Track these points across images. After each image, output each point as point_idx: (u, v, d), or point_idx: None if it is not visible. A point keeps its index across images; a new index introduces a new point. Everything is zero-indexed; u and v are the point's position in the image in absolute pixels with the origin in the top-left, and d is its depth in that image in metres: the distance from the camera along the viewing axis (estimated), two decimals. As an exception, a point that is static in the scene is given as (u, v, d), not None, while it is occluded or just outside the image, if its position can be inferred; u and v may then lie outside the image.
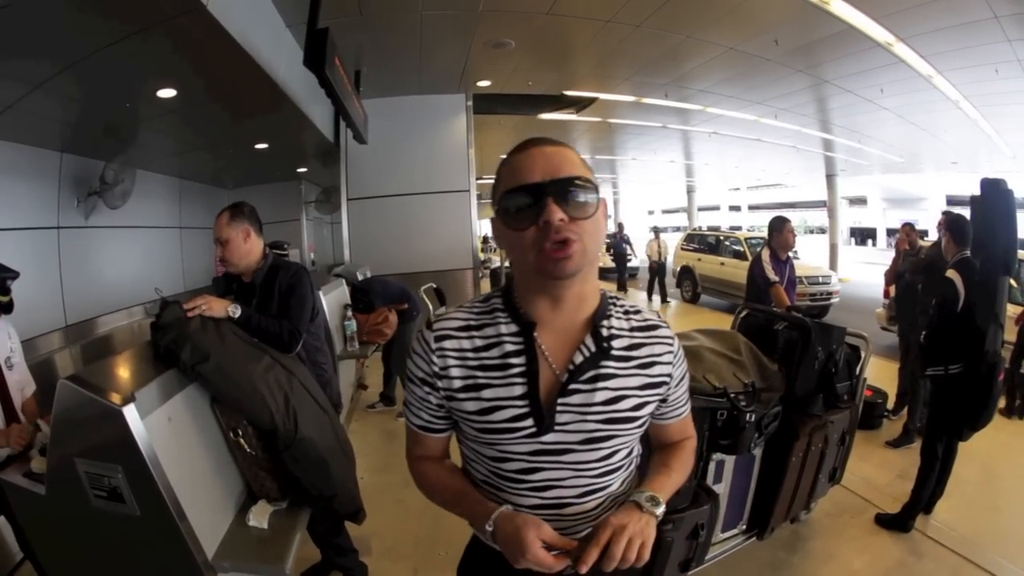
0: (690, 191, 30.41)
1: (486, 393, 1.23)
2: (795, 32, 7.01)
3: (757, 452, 3.28)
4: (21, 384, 3.39)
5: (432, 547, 3.76)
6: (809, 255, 15.47)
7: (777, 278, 5.40)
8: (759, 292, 5.45)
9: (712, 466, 3.06)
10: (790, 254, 5.73)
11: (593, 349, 1.23)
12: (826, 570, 3.52)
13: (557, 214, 1.11)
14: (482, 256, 14.80)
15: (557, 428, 1.21)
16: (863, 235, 35.40)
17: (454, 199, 9.65)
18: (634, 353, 1.28)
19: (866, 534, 3.86)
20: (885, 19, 6.52)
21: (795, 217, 6.31)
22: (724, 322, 4.32)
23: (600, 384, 1.23)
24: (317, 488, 2.50)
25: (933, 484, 3.91)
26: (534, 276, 1.19)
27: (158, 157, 8.13)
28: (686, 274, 14.92)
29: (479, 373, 1.24)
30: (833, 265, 18.16)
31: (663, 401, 1.36)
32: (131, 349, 2.50)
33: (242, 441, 2.40)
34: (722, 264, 13.94)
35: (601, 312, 1.28)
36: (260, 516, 2.39)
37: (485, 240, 23.11)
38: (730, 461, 3.18)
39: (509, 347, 1.24)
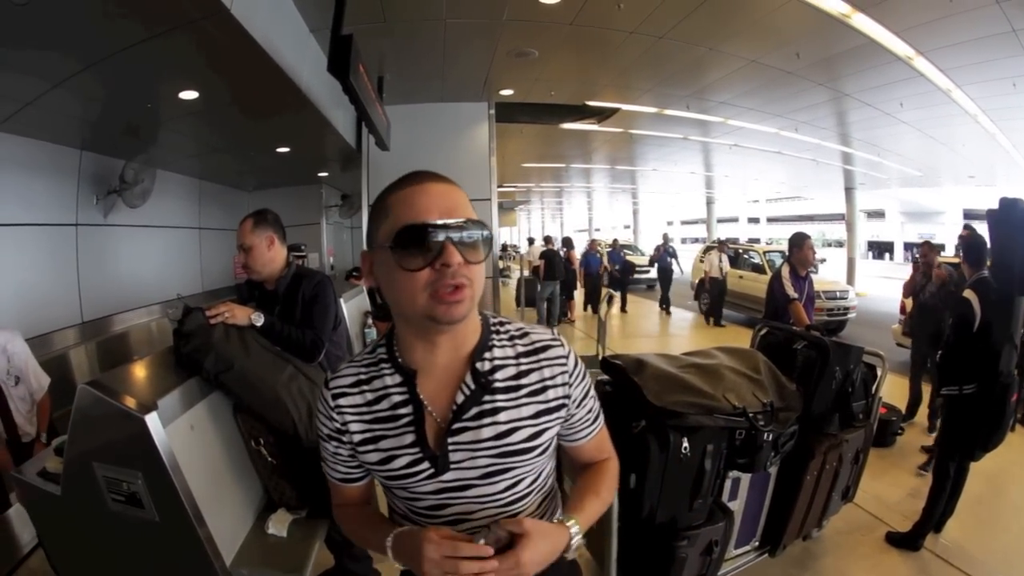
0: (709, 203, 30.31)
1: (383, 444, 1.25)
2: (816, 45, 6.99)
3: (772, 470, 3.27)
4: (32, 388, 3.55)
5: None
6: (828, 268, 15.34)
7: (797, 295, 5.39)
8: (778, 308, 5.44)
9: (728, 483, 3.05)
10: (810, 270, 5.72)
11: (473, 386, 1.22)
12: (836, 586, 3.51)
13: (456, 257, 1.08)
14: (501, 264, 14.78)
15: (454, 467, 1.21)
16: (880, 249, 35.19)
17: (475, 207, 9.47)
18: (523, 381, 1.26)
19: (876, 552, 3.85)
20: (905, 33, 6.49)
21: (813, 230, 6.28)
22: (742, 336, 4.30)
23: (488, 419, 1.22)
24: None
25: (944, 503, 3.89)
26: (419, 320, 1.15)
27: (178, 158, 8.16)
28: (704, 287, 14.78)
29: (375, 426, 1.26)
30: (851, 279, 18.06)
31: (565, 422, 1.33)
32: (152, 355, 2.52)
33: (263, 450, 2.42)
34: (741, 277, 13.89)
35: (482, 345, 1.26)
36: (279, 524, 2.40)
37: (504, 249, 22.93)
38: (745, 478, 3.17)
39: (396, 398, 1.24)
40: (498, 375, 1.24)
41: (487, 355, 1.25)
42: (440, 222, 1.10)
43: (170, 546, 1.95)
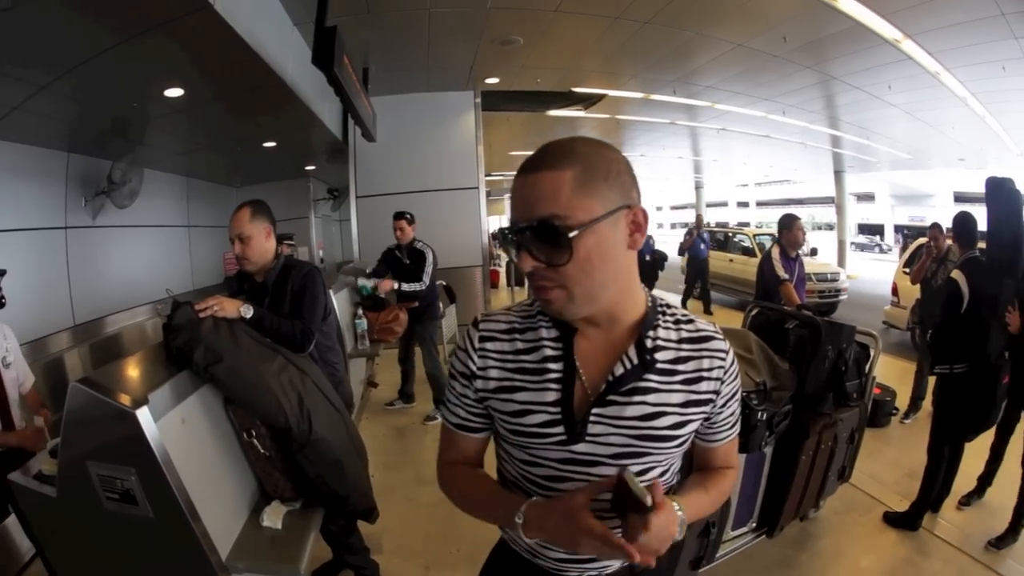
0: (698, 187, 30.34)
1: (519, 396, 1.20)
2: (803, 28, 6.98)
3: (768, 450, 3.27)
4: (19, 380, 3.51)
5: (443, 544, 3.77)
6: (822, 252, 15.32)
7: (787, 276, 5.41)
8: (769, 290, 5.45)
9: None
10: (800, 252, 5.71)
11: (635, 361, 1.17)
12: (835, 568, 3.53)
13: (527, 264, 1.07)
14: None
15: (588, 439, 1.16)
16: (871, 231, 35.25)
17: (463, 196, 9.59)
18: (680, 367, 1.20)
19: (874, 532, 3.87)
20: (892, 16, 6.49)
21: (803, 213, 6.27)
22: (733, 319, 4.30)
23: (638, 398, 1.17)
24: (331, 488, 2.51)
25: (940, 483, 3.90)
26: None
27: (166, 156, 8.13)
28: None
29: (516, 376, 1.21)
30: (841, 262, 18.12)
31: (707, 420, 1.28)
32: (143, 351, 2.50)
33: (256, 442, 2.41)
34: (731, 261, 13.93)
35: (648, 321, 1.20)
36: (274, 516, 2.40)
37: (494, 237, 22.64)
38: (741, 459, 3.16)
39: (548, 351, 1.20)
40: (658, 355, 1.20)
41: (650, 333, 1.20)
42: (508, 227, 1.09)
43: (166, 542, 1.94)
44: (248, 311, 2.62)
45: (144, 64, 4.65)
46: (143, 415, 1.80)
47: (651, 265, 12.82)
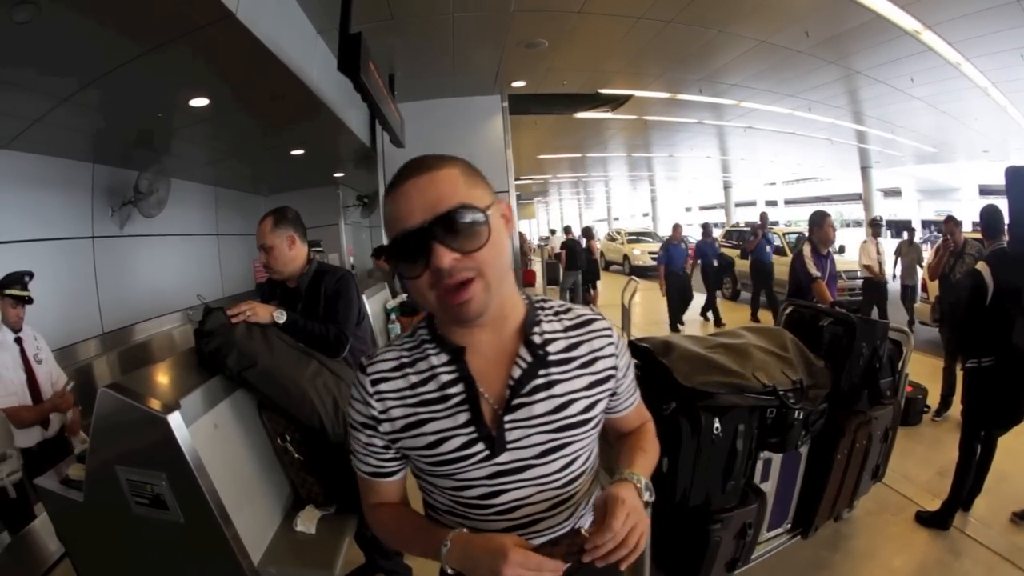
0: (727, 187, 30.17)
1: (430, 427, 1.17)
2: (824, 23, 6.95)
3: (803, 450, 3.22)
4: (52, 377, 4.01)
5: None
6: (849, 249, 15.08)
7: (819, 273, 5.35)
8: (801, 288, 5.39)
9: (759, 465, 3.01)
10: (831, 249, 5.65)
11: (529, 359, 1.18)
12: (867, 568, 3.49)
13: (446, 257, 1.02)
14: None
15: (510, 446, 1.16)
16: (898, 227, 34.82)
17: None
18: (574, 353, 1.23)
19: (906, 532, 3.82)
20: (911, 6, 6.44)
21: (831, 210, 6.21)
22: (765, 317, 4.26)
23: (543, 393, 1.17)
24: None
25: (971, 479, 3.84)
26: (442, 315, 1.13)
27: (193, 166, 8.22)
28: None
29: (420, 409, 1.18)
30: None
31: (613, 395, 1.30)
32: (173, 357, 2.51)
33: (289, 446, 2.41)
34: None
35: (530, 319, 1.22)
36: (308, 521, 2.39)
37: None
38: (777, 459, 3.13)
39: (444, 377, 1.18)
40: (550, 348, 1.21)
41: (536, 329, 1.21)
42: (417, 225, 1.03)
43: (196, 547, 1.94)
44: (281, 316, 2.62)
45: (168, 75, 4.69)
46: (175, 420, 1.80)
47: (717, 271, 12.20)
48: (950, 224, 6.25)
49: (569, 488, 1.24)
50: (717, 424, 2.59)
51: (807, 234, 5.78)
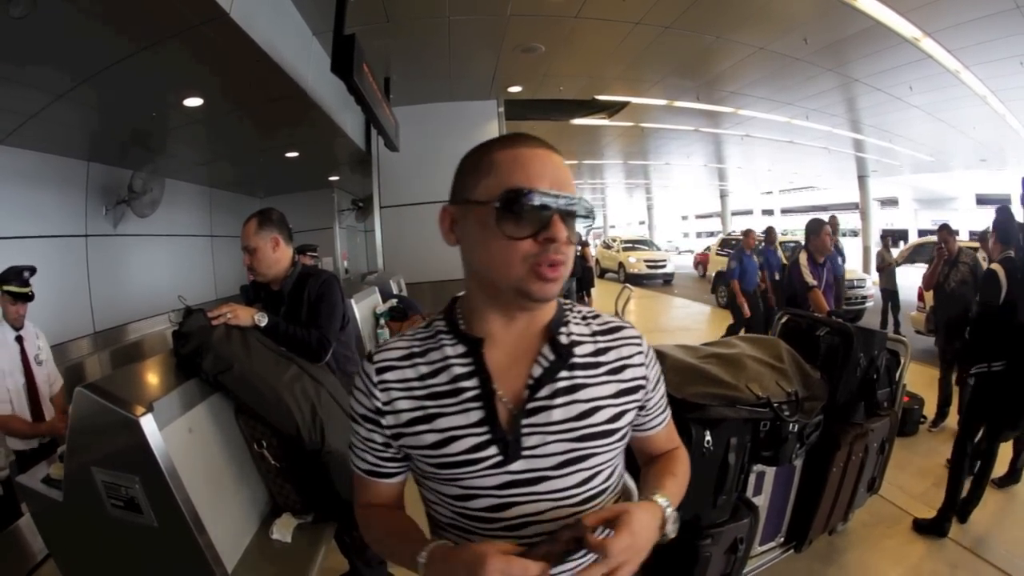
0: (723, 195, 30.27)
1: (439, 423, 1.09)
2: (823, 30, 6.97)
3: (798, 463, 3.18)
4: (50, 380, 3.91)
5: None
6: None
7: (816, 282, 5.32)
8: (797, 296, 5.37)
9: (752, 478, 2.96)
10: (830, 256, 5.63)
11: (552, 358, 1.11)
12: (862, 582, 3.47)
13: (563, 232, 1.00)
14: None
15: (525, 454, 1.06)
16: (895, 237, 34.97)
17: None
18: (601, 358, 1.16)
19: (903, 544, 3.78)
20: (911, 13, 6.48)
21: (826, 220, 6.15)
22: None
23: (567, 397, 1.09)
24: (346, 500, 2.43)
25: (964, 482, 3.85)
26: (508, 292, 1.05)
27: (187, 166, 8.22)
28: (721, 279, 14.68)
29: (429, 403, 1.10)
30: (867, 268, 17.95)
31: (641, 408, 1.22)
32: (152, 358, 2.47)
33: (266, 453, 2.37)
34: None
35: (558, 319, 1.16)
36: (284, 529, 2.35)
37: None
38: (770, 472, 3.07)
39: (458, 370, 1.10)
40: (576, 350, 1.14)
41: (563, 329, 1.15)
42: (554, 192, 1.00)
43: (170, 553, 1.90)
44: (263, 319, 2.59)
45: (162, 73, 4.69)
46: (147, 423, 1.77)
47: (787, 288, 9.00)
48: (944, 233, 6.23)
49: (587, 507, 1.12)
50: (708, 437, 2.54)
51: (804, 242, 5.74)
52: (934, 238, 6.53)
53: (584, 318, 1.22)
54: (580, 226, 1.06)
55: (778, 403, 2.70)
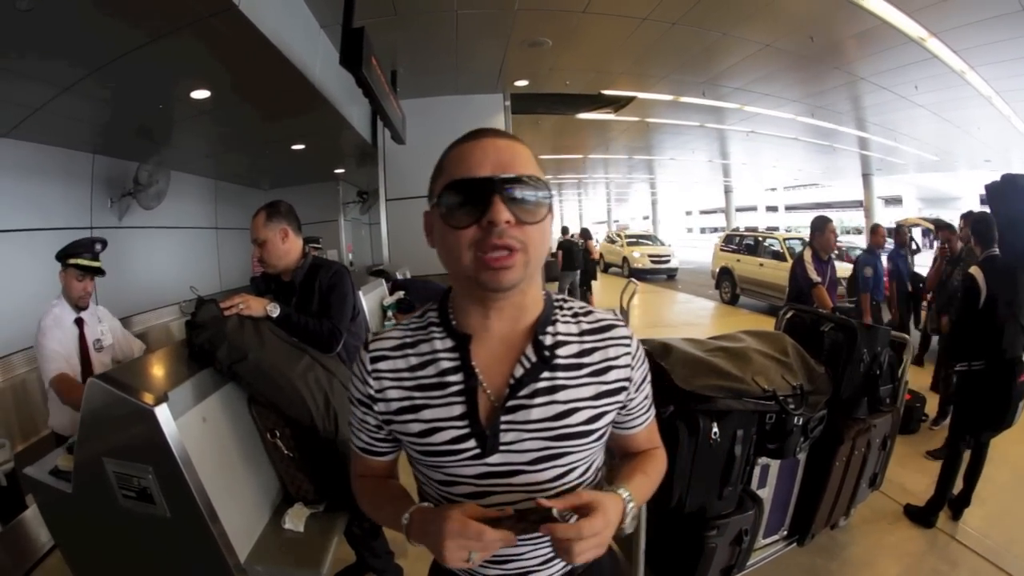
0: (727, 191, 30.17)
1: (425, 414, 1.14)
2: (829, 28, 6.97)
3: (801, 456, 3.19)
4: (117, 359, 3.66)
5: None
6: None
7: (820, 279, 5.33)
8: (801, 293, 5.37)
9: (757, 471, 2.98)
10: (832, 255, 5.64)
11: (534, 359, 1.13)
12: (862, 577, 3.49)
13: (503, 214, 0.99)
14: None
15: (502, 448, 1.11)
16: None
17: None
18: (585, 360, 1.17)
19: (903, 541, 3.80)
20: (917, 13, 6.47)
21: (831, 217, 5.99)
22: (764, 323, 4.23)
23: (547, 397, 1.12)
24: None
25: (955, 479, 3.90)
26: (468, 283, 1.07)
27: (193, 158, 8.22)
28: (725, 275, 14.80)
29: (416, 394, 1.15)
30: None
31: (623, 408, 1.24)
32: (165, 348, 2.48)
33: (279, 443, 2.38)
34: (761, 265, 13.78)
35: (544, 318, 1.17)
36: (296, 519, 2.36)
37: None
38: (775, 466, 3.09)
39: (445, 364, 1.14)
40: (560, 351, 1.15)
41: (550, 329, 1.16)
42: (487, 176, 1.01)
43: (182, 542, 1.91)
44: (275, 310, 2.60)
45: (169, 65, 4.68)
46: (162, 413, 1.78)
47: (907, 298, 7.98)
48: (946, 232, 6.23)
49: None
50: (715, 428, 2.56)
51: (809, 239, 5.75)
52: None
53: (575, 315, 1.22)
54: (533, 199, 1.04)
55: (783, 396, 2.71)
